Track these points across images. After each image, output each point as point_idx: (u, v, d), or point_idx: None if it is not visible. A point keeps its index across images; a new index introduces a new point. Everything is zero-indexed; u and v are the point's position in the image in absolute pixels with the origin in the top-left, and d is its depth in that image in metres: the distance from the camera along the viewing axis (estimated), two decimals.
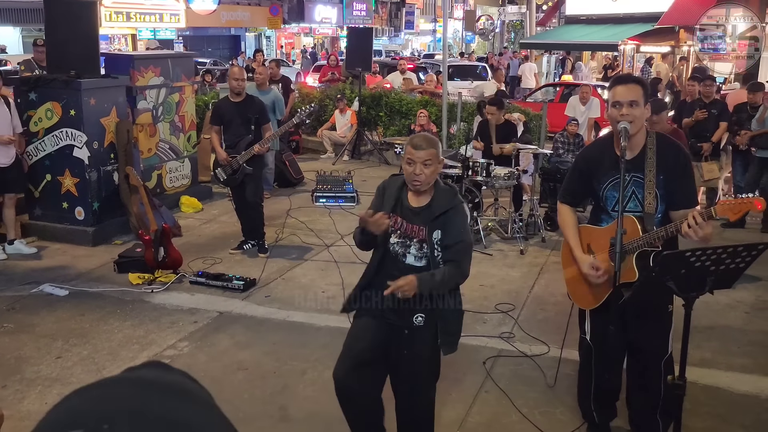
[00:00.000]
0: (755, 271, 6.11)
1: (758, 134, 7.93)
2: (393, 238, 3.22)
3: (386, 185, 3.34)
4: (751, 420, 3.97)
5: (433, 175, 3.15)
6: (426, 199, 3.21)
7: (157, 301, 5.70)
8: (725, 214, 2.93)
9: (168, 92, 8.33)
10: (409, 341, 3.22)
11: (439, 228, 3.15)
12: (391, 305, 3.22)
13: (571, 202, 3.65)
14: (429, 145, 3.12)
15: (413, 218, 3.19)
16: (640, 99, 3.25)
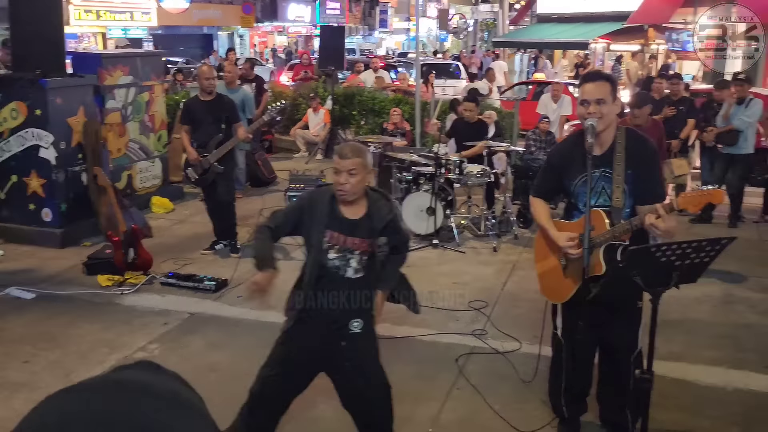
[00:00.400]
0: (723, 266, 6.21)
1: (723, 131, 8.06)
2: (332, 253, 3.13)
3: (312, 198, 3.25)
4: (718, 412, 4.02)
5: (360, 184, 3.09)
6: (362, 209, 3.15)
7: (127, 303, 5.63)
8: (686, 206, 2.97)
9: (137, 91, 8.23)
10: (348, 353, 3.20)
11: (384, 234, 3.16)
12: (329, 318, 3.18)
13: (543, 197, 3.67)
14: (355, 155, 3.08)
15: (353, 231, 3.12)
16: (607, 96, 3.27)
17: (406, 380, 4.38)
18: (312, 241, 3.17)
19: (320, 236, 3.13)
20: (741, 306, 5.70)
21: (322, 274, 3.17)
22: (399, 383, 4.32)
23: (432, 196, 7.13)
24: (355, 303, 3.18)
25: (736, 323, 5.35)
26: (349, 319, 3.19)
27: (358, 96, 12.33)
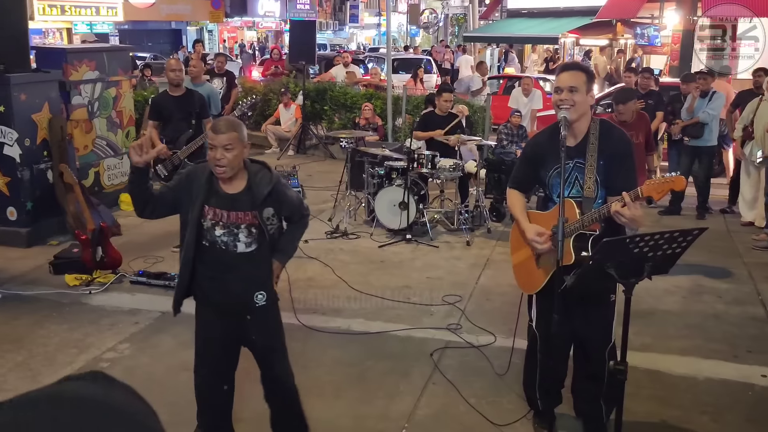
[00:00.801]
0: (691, 257, 6.29)
1: (689, 124, 8.17)
2: (218, 230, 3.12)
3: (189, 176, 3.19)
4: (689, 401, 4.07)
5: (237, 159, 3.05)
6: (242, 183, 3.13)
7: (95, 303, 5.53)
8: (650, 193, 2.97)
9: (104, 87, 8.08)
10: (255, 325, 3.25)
11: (270, 205, 3.15)
12: (231, 295, 3.20)
13: (519, 188, 3.67)
14: (229, 129, 3.03)
15: (234, 205, 3.11)
16: (581, 86, 3.27)
17: (381, 376, 4.37)
18: (192, 220, 3.12)
19: (199, 213, 3.11)
20: (710, 296, 5.78)
21: (213, 252, 3.15)
22: (374, 379, 4.32)
23: (405, 190, 7.12)
24: (255, 276, 3.19)
25: (705, 313, 5.42)
26: (253, 293, 3.20)
27: (330, 91, 12.26)
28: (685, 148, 8.35)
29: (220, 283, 3.20)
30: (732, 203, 8.54)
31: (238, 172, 3.12)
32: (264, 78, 14.81)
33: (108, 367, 4.46)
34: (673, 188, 2.96)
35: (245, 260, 3.16)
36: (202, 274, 3.21)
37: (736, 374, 4.43)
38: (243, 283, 3.19)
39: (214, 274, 3.18)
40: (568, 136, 3.34)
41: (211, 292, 3.22)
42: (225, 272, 3.17)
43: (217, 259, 3.16)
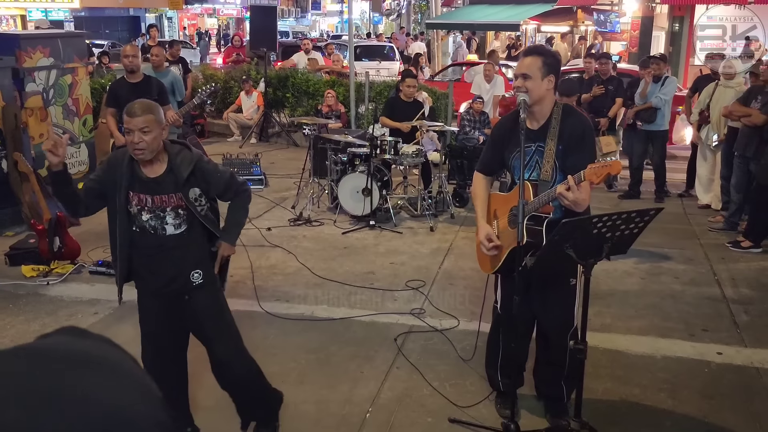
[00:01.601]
0: (650, 239, 6.42)
1: (642, 109, 8.30)
2: (144, 215, 3.09)
3: (112, 161, 3.14)
4: (647, 380, 4.16)
5: (155, 141, 2.98)
6: (163, 166, 3.08)
7: (53, 294, 5.42)
8: (591, 177, 3.01)
9: (59, 74, 7.88)
10: (194, 305, 3.23)
11: (196, 185, 3.10)
12: (166, 278, 3.18)
13: (484, 171, 3.70)
14: (144, 111, 2.95)
15: (158, 189, 3.07)
16: (535, 71, 3.29)
17: (344, 361, 4.37)
18: (120, 207, 3.09)
19: (124, 199, 3.08)
20: (667, 277, 5.90)
21: (143, 237, 3.13)
22: (338, 364, 4.33)
23: (368, 177, 7.11)
24: (188, 256, 3.17)
25: (663, 294, 5.53)
26: (189, 272, 3.18)
27: (292, 78, 12.16)
28: (638, 132, 8.49)
29: (155, 267, 3.18)
30: (689, 187, 8.71)
31: (159, 154, 3.06)
32: (225, 65, 14.61)
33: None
34: (609, 172, 3.00)
35: (176, 242, 3.13)
36: (137, 260, 3.19)
37: (693, 352, 4.53)
38: (177, 265, 3.17)
39: (147, 259, 3.17)
40: (531, 119, 3.38)
41: (148, 277, 3.21)
42: (158, 255, 3.15)
43: (149, 243, 3.14)
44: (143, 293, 3.30)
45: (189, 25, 46.48)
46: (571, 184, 3.03)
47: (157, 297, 3.24)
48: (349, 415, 3.78)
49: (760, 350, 4.55)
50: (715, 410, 3.84)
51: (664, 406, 3.89)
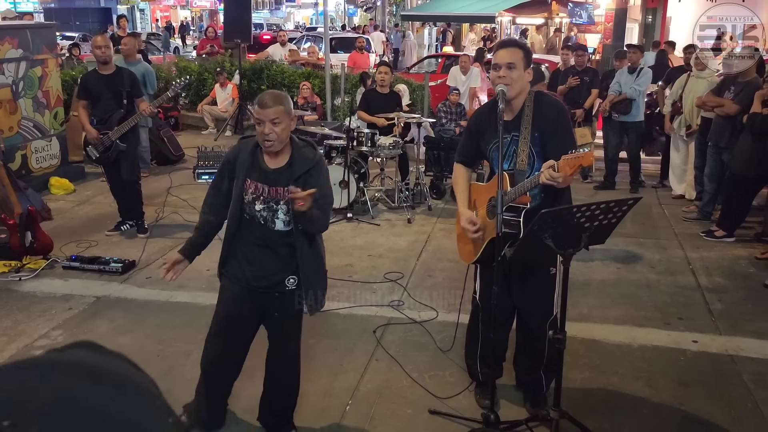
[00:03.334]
0: (625, 229, 6.49)
1: (618, 100, 8.36)
2: (258, 205, 3.11)
3: (237, 151, 3.19)
4: (624, 368, 4.19)
5: (285, 132, 3.03)
6: (285, 159, 3.11)
7: (26, 290, 5.33)
8: (564, 168, 3.00)
9: (29, 66, 7.74)
10: (280, 305, 3.23)
11: (302, 186, 3.03)
12: (263, 272, 3.19)
13: (463, 162, 3.72)
14: (276, 103, 3.00)
15: (275, 180, 3.09)
16: (519, 62, 3.29)
17: (324, 354, 4.35)
18: (236, 193, 3.14)
19: (242, 185, 3.11)
20: (643, 267, 5.96)
21: (252, 226, 3.15)
22: (317, 357, 4.30)
23: (345, 169, 7.08)
24: (290, 258, 3.15)
25: (638, 283, 5.58)
26: (286, 275, 3.18)
27: (267, 70, 12.06)
28: (613, 123, 8.55)
29: (255, 258, 3.18)
30: (664, 178, 8.80)
31: (284, 147, 3.08)
32: (199, 57, 14.44)
33: None
34: (582, 164, 2.99)
35: (282, 239, 3.14)
36: (239, 247, 3.21)
37: (669, 340, 4.58)
38: (278, 263, 3.17)
39: (251, 248, 3.18)
40: (506, 110, 3.37)
41: (245, 266, 3.20)
42: (262, 248, 3.16)
43: (256, 233, 3.16)
44: (232, 281, 3.27)
45: (162, 17, 45.91)
46: (553, 174, 3.00)
47: (247, 287, 3.22)
48: (329, 407, 3.76)
49: (734, 338, 4.61)
50: (690, 397, 3.89)
51: (641, 394, 3.93)
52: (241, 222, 3.18)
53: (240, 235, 3.20)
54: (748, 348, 4.47)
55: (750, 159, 6.37)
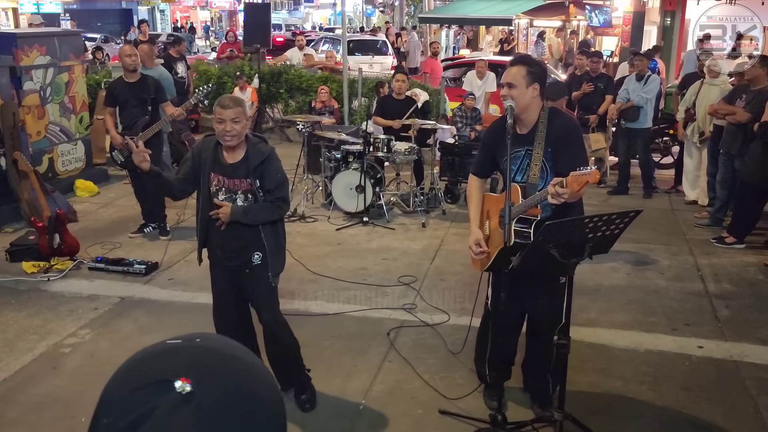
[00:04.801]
0: (636, 235, 6.59)
1: (626, 107, 8.46)
2: (221, 195, 3.63)
3: (201, 148, 3.70)
4: (630, 372, 4.32)
5: (243, 130, 3.53)
6: (241, 154, 3.60)
7: (54, 290, 5.55)
8: (572, 185, 3.14)
9: (56, 72, 7.99)
10: (251, 278, 3.74)
11: (257, 177, 3.59)
12: (230, 253, 3.71)
13: (478, 173, 3.87)
14: (235, 104, 3.50)
15: (233, 173, 3.60)
16: (519, 80, 3.43)
17: (338, 355, 4.52)
18: (202, 186, 3.66)
19: (207, 179, 3.63)
20: (652, 273, 6.06)
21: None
22: (332, 358, 4.48)
23: (361, 174, 7.24)
24: (253, 237, 3.65)
25: (647, 289, 5.69)
26: (251, 252, 3.69)
27: (285, 74, 12.26)
28: (622, 130, 8.65)
29: (223, 242, 3.70)
30: (678, 183, 8.87)
31: (240, 143, 3.57)
32: (219, 61, 14.68)
33: (69, 352, 4.52)
34: (588, 181, 3.13)
35: (244, 224, 3.61)
36: (212, 234, 3.73)
37: (674, 346, 4.70)
38: (242, 243, 3.67)
39: (219, 234, 3.68)
40: (519, 125, 3.53)
41: (218, 249, 3.75)
42: (228, 232, 3.65)
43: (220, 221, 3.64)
44: (213, 262, 3.84)
45: (181, 18, 46.35)
46: (561, 191, 3.14)
47: (224, 267, 3.77)
48: (343, 407, 3.93)
49: (738, 344, 4.72)
50: (693, 402, 4.01)
51: (645, 398, 4.06)
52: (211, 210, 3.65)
53: (211, 224, 3.69)
54: (752, 354, 4.58)
55: (761, 167, 6.46)
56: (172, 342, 0.86)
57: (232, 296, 3.83)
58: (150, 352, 0.85)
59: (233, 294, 3.83)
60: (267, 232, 3.69)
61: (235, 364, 0.85)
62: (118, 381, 0.83)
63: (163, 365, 0.82)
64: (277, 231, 3.77)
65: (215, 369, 0.82)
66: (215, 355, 0.85)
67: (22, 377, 4.21)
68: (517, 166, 3.56)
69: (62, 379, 4.21)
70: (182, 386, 0.78)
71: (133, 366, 0.84)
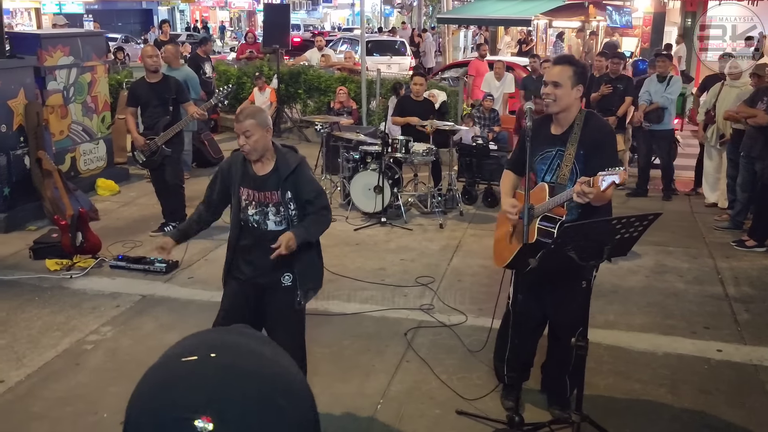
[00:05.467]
0: (656, 237, 6.56)
1: (650, 109, 8.41)
2: (251, 209, 3.49)
3: (230, 162, 3.59)
4: (648, 375, 4.31)
5: (260, 142, 3.38)
6: (270, 165, 3.48)
7: (76, 287, 5.63)
8: (597, 183, 3.14)
9: (79, 72, 8.09)
10: (276, 300, 3.57)
11: (289, 189, 3.45)
12: (260, 270, 3.52)
13: (513, 169, 3.87)
14: (246, 117, 3.37)
15: (263, 186, 3.47)
16: (564, 80, 3.44)
17: (356, 355, 4.55)
18: (234, 200, 3.54)
19: (237, 194, 3.51)
20: (671, 275, 6.04)
21: (245, 228, 3.53)
22: (350, 358, 4.51)
23: (379, 174, 7.27)
24: (285, 256, 3.42)
25: (666, 292, 5.67)
26: (282, 272, 3.52)
27: (304, 74, 12.32)
28: (644, 132, 8.61)
29: (252, 258, 3.54)
30: (698, 185, 8.81)
31: (267, 154, 3.46)
32: (238, 61, 14.78)
33: (92, 349, 4.59)
34: (614, 182, 3.13)
35: (275, 238, 3.41)
36: (238, 251, 3.58)
37: (693, 349, 4.68)
38: (273, 261, 3.41)
39: (248, 250, 3.54)
40: (555, 124, 3.57)
41: (244, 266, 3.57)
42: (258, 249, 3.49)
43: (251, 236, 3.53)
44: (234, 278, 3.63)
45: (201, 18, 46.66)
46: (587, 189, 3.14)
47: (246, 285, 3.57)
48: (361, 406, 3.96)
49: (758, 348, 4.69)
50: (712, 405, 3.99)
51: (663, 401, 4.05)
52: (241, 228, 3.55)
53: (239, 239, 3.56)
54: None
55: None
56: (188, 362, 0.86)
57: (245, 313, 3.59)
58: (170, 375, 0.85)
59: (250, 310, 3.60)
60: (301, 251, 3.48)
61: (256, 382, 0.83)
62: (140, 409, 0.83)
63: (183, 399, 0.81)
64: (312, 251, 3.61)
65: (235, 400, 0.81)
66: (233, 377, 0.83)
67: (46, 373, 4.29)
68: (547, 166, 3.57)
69: (85, 375, 4.28)
70: (204, 427, 0.77)
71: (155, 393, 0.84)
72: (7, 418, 3.81)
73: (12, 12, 25.43)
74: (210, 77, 11.14)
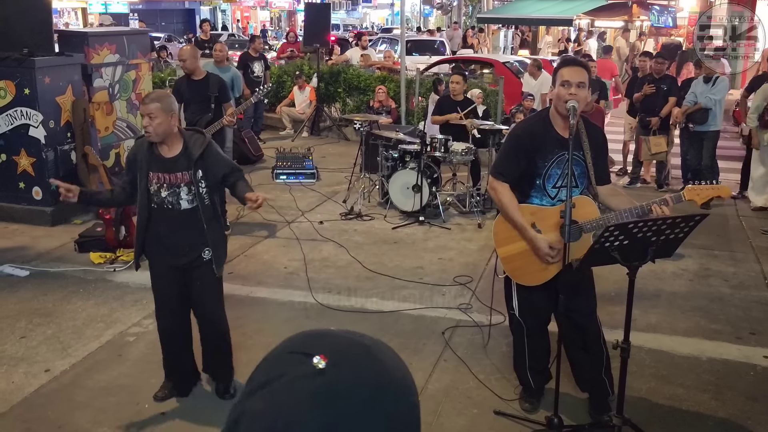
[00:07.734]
0: (700, 240, 6.43)
1: (694, 110, 8.24)
2: (163, 192, 3.63)
3: (135, 151, 3.72)
4: (691, 380, 4.22)
5: (162, 126, 3.53)
6: (178, 148, 3.64)
7: (119, 280, 5.74)
8: (693, 197, 3.12)
9: (124, 70, 8.24)
10: (199, 274, 3.76)
11: (200, 168, 3.63)
12: (182, 251, 3.70)
13: (511, 181, 3.58)
14: (152, 101, 3.55)
15: (173, 167, 3.62)
16: (587, 82, 3.43)
17: None
18: (141, 186, 3.65)
19: (146, 179, 3.62)
20: (716, 279, 5.90)
21: (161, 212, 3.66)
22: None
23: (418, 173, 7.26)
24: (202, 233, 3.67)
25: (711, 296, 5.54)
26: (201, 249, 3.71)
27: (344, 73, 12.37)
28: (690, 134, 8.43)
29: (171, 238, 3.69)
30: (743, 189, 8.60)
31: (173, 137, 3.62)
32: (279, 60, 14.92)
33: (134, 341, 4.68)
34: (717, 195, 3.10)
35: (190, 216, 3.65)
36: (155, 233, 3.71)
37: (739, 355, 4.57)
38: (190, 239, 3.68)
39: (165, 231, 3.69)
40: (563, 128, 3.51)
41: (164, 247, 3.73)
42: (174, 228, 3.67)
43: (166, 217, 3.67)
44: (156, 263, 3.83)
45: (242, 17, 47.21)
46: (670, 204, 3.18)
47: (169, 265, 3.75)
48: None
49: None
50: (758, 412, 3.89)
51: (707, 407, 3.96)
52: (151, 212, 3.67)
53: (153, 224, 3.69)
54: None
55: None
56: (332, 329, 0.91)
57: (177, 297, 3.82)
58: (307, 333, 0.90)
59: (177, 293, 3.81)
60: (212, 226, 3.72)
61: (379, 367, 0.85)
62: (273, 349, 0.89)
63: (311, 343, 0.86)
64: (219, 224, 3.84)
65: (356, 361, 0.84)
66: (363, 350, 0.86)
67: (90, 363, 4.38)
68: (561, 170, 3.50)
69: (127, 366, 4.36)
70: (318, 362, 0.81)
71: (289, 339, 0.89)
72: (52, 407, 3.90)
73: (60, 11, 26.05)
74: (259, 76, 11.25)
